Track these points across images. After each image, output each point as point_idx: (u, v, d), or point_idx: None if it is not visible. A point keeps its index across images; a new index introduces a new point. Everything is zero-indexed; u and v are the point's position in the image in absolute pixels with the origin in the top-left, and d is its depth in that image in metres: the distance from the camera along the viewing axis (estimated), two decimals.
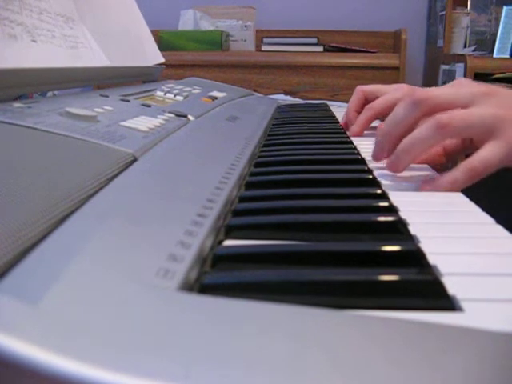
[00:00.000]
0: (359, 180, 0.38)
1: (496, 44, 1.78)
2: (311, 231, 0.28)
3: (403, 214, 0.29)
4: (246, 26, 1.84)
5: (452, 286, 0.21)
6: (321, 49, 1.78)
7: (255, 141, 0.49)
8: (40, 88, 0.51)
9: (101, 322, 0.15)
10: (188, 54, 1.72)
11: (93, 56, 0.65)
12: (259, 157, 0.45)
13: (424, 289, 0.21)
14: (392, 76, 1.68)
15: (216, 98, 0.69)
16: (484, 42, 1.87)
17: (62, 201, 0.23)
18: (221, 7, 1.91)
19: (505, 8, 1.76)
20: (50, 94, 0.68)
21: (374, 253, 0.24)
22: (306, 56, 1.73)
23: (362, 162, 0.44)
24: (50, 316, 0.15)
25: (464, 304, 0.20)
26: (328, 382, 0.14)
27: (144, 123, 0.41)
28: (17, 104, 0.38)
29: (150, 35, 0.85)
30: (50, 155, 0.29)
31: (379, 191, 0.34)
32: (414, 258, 0.24)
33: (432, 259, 0.23)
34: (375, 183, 0.37)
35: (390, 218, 0.28)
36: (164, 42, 1.74)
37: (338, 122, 0.68)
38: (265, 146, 0.51)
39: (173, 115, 0.49)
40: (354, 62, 1.71)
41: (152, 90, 0.63)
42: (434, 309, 0.20)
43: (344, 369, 0.14)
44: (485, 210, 0.31)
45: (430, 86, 0.45)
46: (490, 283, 0.21)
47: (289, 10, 2.09)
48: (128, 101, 0.50)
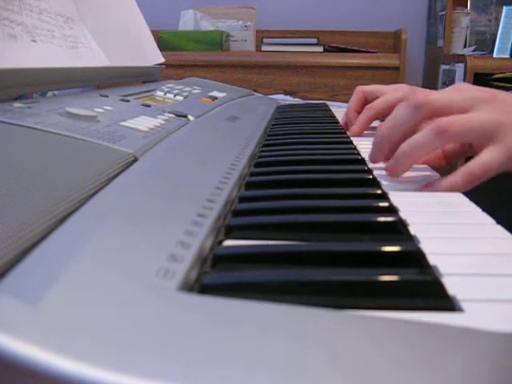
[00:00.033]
0: (359, 180, 0.38)
1: (496, 44, 1.78)
2: (311, 231, 0.28)
3: (403, 215, 0.29)
4: (246, 26, 1.84)
5: (452, 286, 0.21)
6: (321, 49, 1.78)
7: (255, 141, 0.49)
8: (40, 88, 0.51)
9: (101, 322, 0.15)
10: (188, 54, 1.72)
11: (93, 56, 0.65)
12: (259, 157, 0.45)
13: (424, 289, 0.21)
14: (392, 76, 1.68)
15: (216, 98, 0.69)
16: (484, 41, 1.87)
17: (61, 201, 0.23)
18: (221, 7, 1.91)
19: (505, 8, 1.77)
20: (50, 93, 0.68)
21: (374, 253, 0.24)
22: (306, 56, 1.73)
23: (362, 162, 0.44)
24: (50, 316, 0.15)
25: (464, 304, 0.20)
26: (328, 381, 0.14)
27: (144, 123, 0.41)
28: (17, 104, 0.38)
29: (150, 35, 0.85)
30: (50, 155, 0.29)
31: (379, 191, 0.34)
32: (414, 258, 0.24)
33: (432, 259, 0.23)
34: (375, 183, 0.37)
35: (390, 219, 0.28)
36: (164, 42, 1.74)
37: (338, 122, 0.68)
38: (265, 145, 0.51)
39: (173, 115, 0.49)
40: (353, 62, 1.71)
41: (152, 90, 0.63)
42: (434, 309, 0.20)
43: (344, 369, 0.14)
44: (485, 210, 0.31)
45: (429, 86, 0.45)
46: (490, 283, 0.21)
47: (289, 10, 2.09)
48: (128, 101, 0.50)
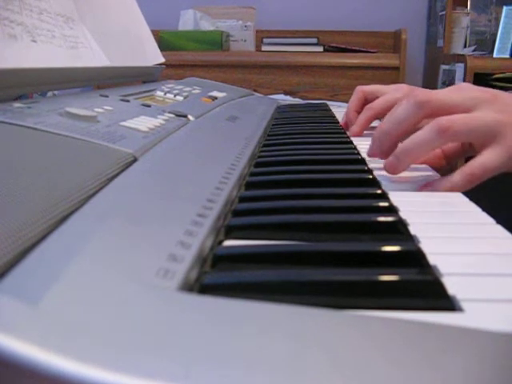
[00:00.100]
0: (359, 180, 0.38)
1: (496, 44, 1.78)
2: (311, 231, 0.28)
3: (403, 214, 0.29)
4: (246, 26, 1.84)
5: (452, 286, 0.21)
6: (321, 49, 1.78)
7: (255, 141, 0.49)
8: (40, 88, 0.51)
9: (101, 322, 0.15)
10: (188, 54, 1.72)
11: (93, 56, 0.65)
12: (259, 157, 0.45)
13: (424, 289, 0.21)
14: (392, 76, 1.68)
15: (216, 98, 0.69)
16: (484, 41, 1.87)
17: (61, 201, 0.23)
18: (221, 7, 1.91)
19: (505, 8, 1.77)
20: (50, 93, 0.68)
21: (374, 253, 0.24)
22: (306, 56, 1.73)
23: (362, 162, 0.44)
24: (50, 316, 0.15)
25: (464, 304, 0.20)
26: (328, 381, 0.14)
27: (144, 123, 0.41)
28: (17, 104, 0.38)
29: (151, 35, 0.85)
30: (50, 155, 0.29)
31: (379, 191, 0.34)
32: (414, 258, 0.24)
33: (432, 259, 0.23)
34: (375, 183, 0.37)
35: (390, 218, 0.28)
36: (164, 41, 1.74)
37: (338, 122, 0.68)
38: (265, 145, 0.51)
39: (173, 115, 0.49)
40: (353, 62, 1.71)
41: (152, 90, 0.63)
42: (434, 309, 0.20)
43: (344, 369, 0.14)
44: (485, 210, 0.31)
45: (429, 86, 0.45)
46: (490, 283, 0.21)
47: (289, 10, 2.09)
48: (128, 101, 0.50)
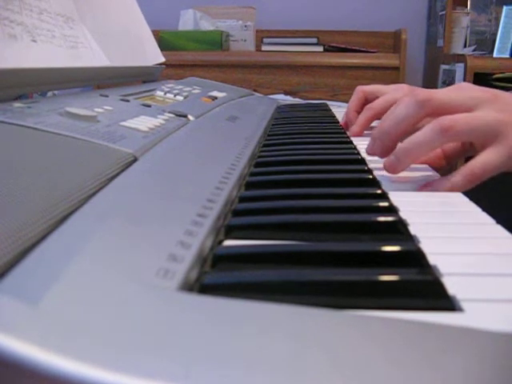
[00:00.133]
0: (359, 180, 0.38)
1: (496, 44, 1.78)
2: (311, 231, 0.28)
3: (403, 214, 0.29)
4: (246, 26, 1.84)
5: (452, 286, 0.21)
6: (321, 49, 1.78)
7: (255, 141, 0.49)
8: (40, 88, 0.51)
9: (101, 322, 0.15)
10: (188, 54, 1.72)
11: (93, 56, 0.65)
12: (259, 157, 0.45)
13: (424, 289, 0.21)
14: (392, 76, 1.68)
15: (216, 97, 0.69)
16: (484, 41, 1.87)
17: (62, 201, 0.23)
18: (221, 7, 1.91)
19: (505, 8, 1.77)
20: (50, 93, 0.68)
21: (374, 253, 0.24)
22: (306, 56, 1.73)
23: (362, 162, 0.44)
24: (50, 316, 0.15)
25: (464, 304, 0.20)
26: (328, 381, 0.14)
27: (144, 123, 0.41)
28: (17, 104, 0.38)
29: (151, 35, 0.85)
30: (50, 155, 0.29)
31: (379, 191, 0.34)
32: (414, 258, 0.24)
33: (432, 259, 0.23)
34: (375, 183, 0.37)
35: (390, 218, 0.28)
36: (164, 41, 1.74)
37: (338, 122, 0.68)
38: (265, 145, 0.51)
39: (173, 115, 0.49)
40: (354, 62, 1.71)
41: (152, 90, 0.63)
42: (434, 309, 0.20)
43: (344, 369, 0.14)
44: (485, 210, 0.31)
45: (429, 86, 0.45)
46: (490, 283, 0.21)
47: (289, 10, 2.09)
48: (128, 101, 0.50)
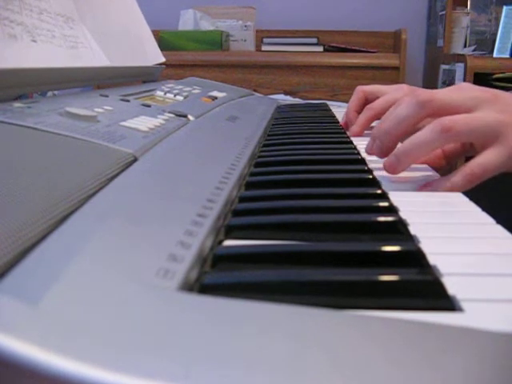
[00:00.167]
0: (359, 180, 0.38)
1: (496, 44, 1.78)
2: (311, 231, 0.28)
3: (403, 214, 0.29)
4: (246, 26, 1.84)
5: (452, 286, 0.21)
6: (321, 49, 1.78)
7: (255, 141, 0.49)
8: (40, 88, 0.51)
9: (101, 322, 0.15)
10: (188, 54, 1.72)
11: (93, 56, 0.65)
12: (259, 157, 0.45)
13: (424, 289, 0.21)
14: (392, 76, 1.68)
15: (216, 97, 0.69)
16: (484, 41, 1.87)
17: (61, 201, 0.23)
18: (221, 7, 1.91)
19: (505, 8, 1.77)
20: (50, 93, 0.68)
21: (374, 253, 0.24)
22: (306, 56, 1.73)
23: (362, 162, 0.44)
24: (50, 316, 0.15)
25: (464, 304, 0.20)
26: (328, 381, 0.14)
27: (144, 123, 0.41)
28: (17, 104, 0.38)
29: (151, 35, 0.85)
30: (50, 155, 0.29)
31: (379, 191, 0.34)
32: (414, 258, 0.24)
33: (432, 259, 0.23)
34: (375, 183, 0.37)
35: (390, 218, 0.28)
36: (164, 41, 1.74)
37: (338, 122, 0.68)
38: (265, 145, 0.51)
39: (173, 115, 0.49)
40: (354, 62, 1.71)
41: (152, 90, 0.63)
42: (434, 309, 0.20)
43: (344, 369, 0.14)
44: (485, 210, 0.31)
45: (429, 86, 0.45)
46: (490, 283, 0.21)
47: (289, 10, 2.09)
48: (128, 101, 0.50)
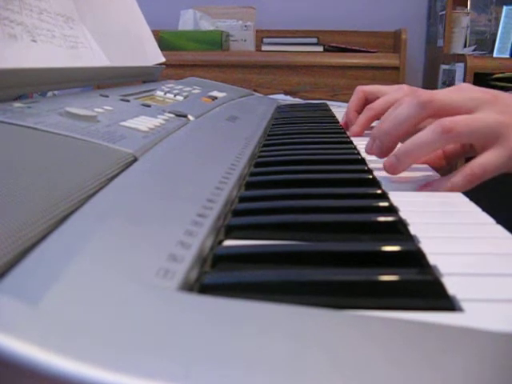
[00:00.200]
0: (359, 180, 0.38)
1: (496, 44, 1.78)
2: (311, 231, 0.28)
3: (403, 214, 0.29)
4: (246, 26, 1.84)
5: (452, 286, 0.21)
6: (321, 49, 1.78)
7: (255, 141, 0.49)
8: (40, 88, 0.51)
9: (101, 322, 0.15)
10: (188, 54, 1.72)
11: (93, 56, 0.65)
12: (259, 157, 0.45)
13: (424, 289, 0.21)
14: (392, 76, 1.68)
15: (216, 97, 0.69)
16: (484, 41, 1.87)
17: (61, 201, 0.23)
18: (221, 7, 1.91)
19: (505, 8, 1.77)
20: (50, 93, 0.68)
21: (374, 253, 0.24)
22: (306, 56, 1.73)
23: (362, 162, 0.44)
24: (50, 316, 0.15)
25: (464, 304, 0.20)
26: (328, 381, 0.14)
27: (144, 123, 0.41)
28: (17, 104, 0.38)
29: (151, 35, 0.85)
30: (50, 155, 0.29)
31: (379, 191, 0.34)
32: (414, 258, 0.24)
33: (432, 259, 0.23)
34: (375, 183, 0.37)
35: (390, 218, 0.28)
36: (164, 41, 1.74)
37: (338, 122, 0.68)
38: (265, 145, 0.51)
39: (173, 115, 0.49)
40: (354, 62, 1.71)
41: (152, 90, 0.63)
42: (434, 309, 0.20)
43: (344, 369, 0.14)
44: (485, 210, 0.31)
45: (430, 86, 0.45)
46: (490, 283, 0.21)
47: (289, 10, 2.09)
48: (128, 101, 0.50)
